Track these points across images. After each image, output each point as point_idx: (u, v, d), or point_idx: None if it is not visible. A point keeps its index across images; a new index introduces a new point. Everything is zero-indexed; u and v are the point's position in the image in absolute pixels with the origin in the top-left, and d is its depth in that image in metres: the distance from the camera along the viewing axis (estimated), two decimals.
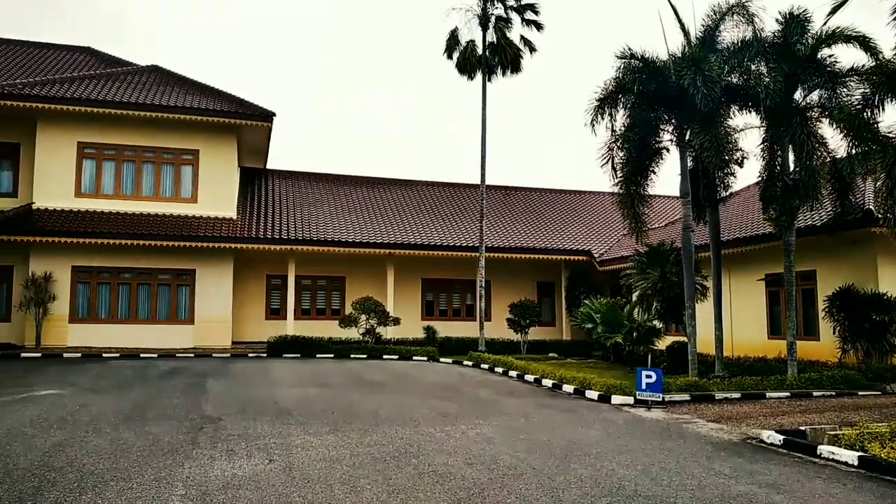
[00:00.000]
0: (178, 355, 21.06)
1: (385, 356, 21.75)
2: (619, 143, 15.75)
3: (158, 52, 72.02)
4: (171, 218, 23.49)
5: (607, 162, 15.82)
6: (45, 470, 6.97)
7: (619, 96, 15.65)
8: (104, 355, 20.46)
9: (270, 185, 28.27)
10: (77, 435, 8.70)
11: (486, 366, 19.45)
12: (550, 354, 23.81)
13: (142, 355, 20.70)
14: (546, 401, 13.15)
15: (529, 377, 16.48)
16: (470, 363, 20.49)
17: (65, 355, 20.24)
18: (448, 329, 25.51)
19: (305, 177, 29.80)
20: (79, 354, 20.48)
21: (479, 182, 24.37)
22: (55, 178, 22.91)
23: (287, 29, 78.97)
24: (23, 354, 20.14)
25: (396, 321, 23.36)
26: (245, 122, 24.27)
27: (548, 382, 15.50)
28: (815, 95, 15.19)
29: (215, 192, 24.36)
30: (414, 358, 21.69)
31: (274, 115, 24.37)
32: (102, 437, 8.58)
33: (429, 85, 73.01)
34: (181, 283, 23.47)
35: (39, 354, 20.21)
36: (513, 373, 17.50)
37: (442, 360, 21.71)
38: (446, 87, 74.32)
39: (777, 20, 15.29)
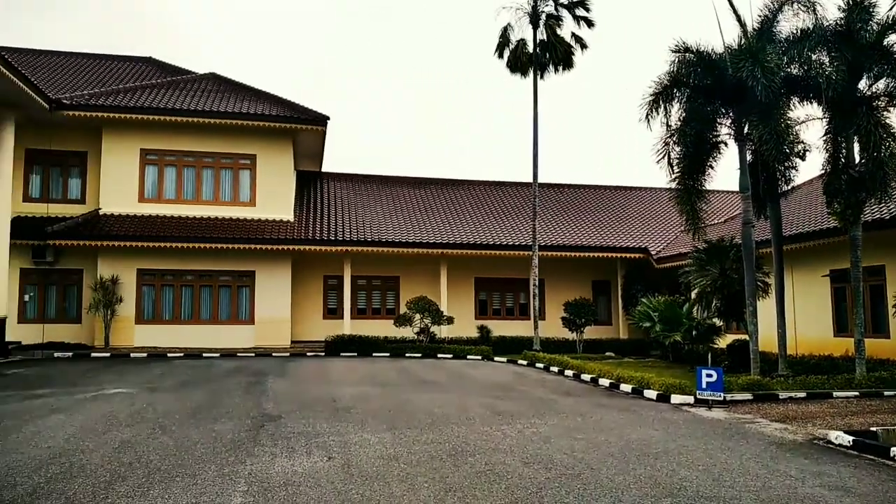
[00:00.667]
0: (239, 355, 21.60)
1: (439, 355, 21.85)
2: (674, 139, 15.46)
3: (211, 59, 73.89)
4: (230, 221, 24.10)
5: (663, 157, 15.55)
6: (115, 465, 7.25)
7: (674, 91, 15.36)
8: (168, 355, 21.13)
9: (326, 188, 28.71)
10: (144, 432, 9.00)
11: (541, 365, 19.35)
12: (607, 354, 23.53)
13: (204, 355, 21.32)
14: (603, 400, 13.01)
15: (586, 376, 16.32)
16: (524, 362, 20.40)
17: (132, 355, 20.99)
18: (502, 328, 25.47)
19: (359, 179, 30.16)
20: (145, 354, 21.20)
21: (531, 180, 24.25)
22: (120, 184, 23.76)
23: (325, 29, 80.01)
24: (93, 354, 20.97)
25: (450, 320, 23.44)
26: (300, 127, 24.73)
27: (605, 382, 15.33)
28: (881, 84, 14.60)
29: (273, 196, 24.88)
30: (468, 357, 21.72)
31: (328, 118, 24.76)
32: (168, 435, 8.86)
33: (476, 84, 72.99)
34: (242, 284, 24.06)
35: (108, 354, 21.01)
36: (569, 372, 17.36)
37: (496, 359, 21.68)
38: (494, 87, 74.15)
39: (839, 7, 14.76)
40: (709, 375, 12.04)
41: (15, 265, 22.28)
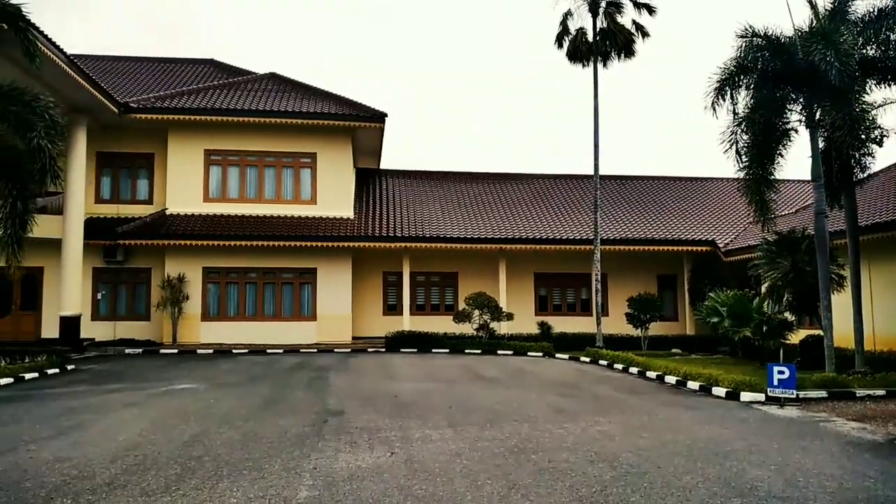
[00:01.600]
0: (301, 350, 21.96)
1: (499, 352, 21.72)
2: (742, 127, 14.91)
3: (268, 59, 75.30)
4: (292, 219, 24.49)
5: (731, 146, 15.00)
6: (185, 458, 7.41)
7: (741, 77, 14.81)
8: (234, 351, 21.64)
9: (384, 185, 28.90)
10: (212, 426, 9.20)
11: (604, 362, 19.02)
12: (673, 350, 22.98)
13: (268, 351, 21.75)
14: (669, 398, 12.68)
15: (651, 374, 15.96)
16: (587, 359, 20.10)
17: (198, 351, 21.58)
18: (563, 324, 25.14)
19: (417, 175, 30.24)
20: (211, 350, 21.77)
21: (591, 172, 23.86)
22: (185, 184, 24.43)
23: (379, 26, 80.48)
24: (162, 351, 21.65)
25: (510, 316, 23.28)
26: (359, 124, 24.94)
27: (671, 379, 14.95)
28: None
29: (333, 193, 25.18)
30: (528, 354, 21.53)
31: (386, 115, 24.89)
32: (235, 429, 9.03)
33: (530, 76, 72.36)
34: (304, 281, 24.44)
35: (176, 351, 21.65)
36: (633, 369, 17.00)
37: (558, 356, 21.42)
38: (551, 78, 73.37)
39: None
40: (780, 372, 11.62)
41: (88, 265, 23.18)
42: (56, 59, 17.83)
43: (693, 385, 13.93)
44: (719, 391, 12.92)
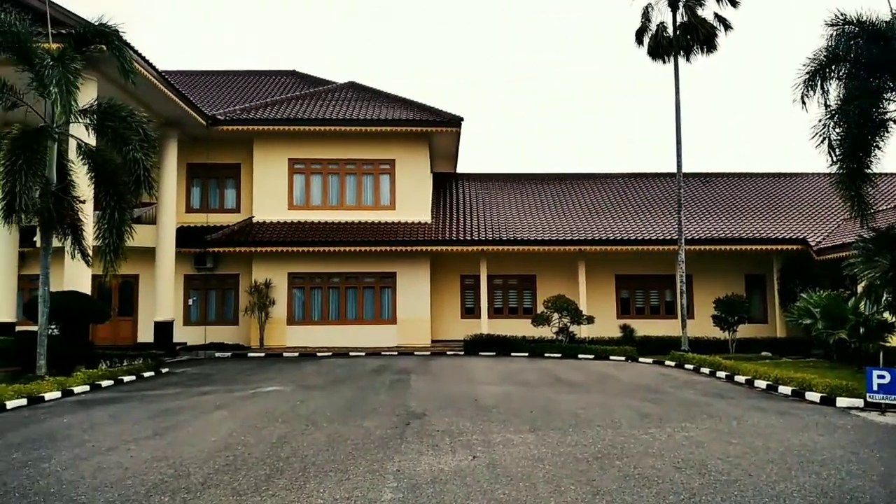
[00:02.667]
0: (383, 353, 22.29)
1: (580, 355, 21.41)
2: (834, 119, 14.20)
3: (348, 67, 76.84)
4: (372, 225, 24.92)
5: (822, 140, 14.32)
6: (273, 459, 7.64)
7: (832, 67, 14.13)
8: (318, 354, 22.17)
9: (460, 188, 29.00)
10: (298, 428, 9.44)
11: (690, 366, 18.47)
12: (762, 353, 22.08)
13: (351, 353, 22.19)
14: (760, 403, 12.20)
15: (740, 378, 15.39)
16: (672, 363, 19.57)
17: (284, 354, 22.22)
18: (646, 327, 24.54)
19: (494, 178, 30.20)
20: (296, 354, 22.37)
21: (674, 170, 23.22)
22: (270, 193, 25.24)
23: (448, 28, 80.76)
24: (249, 354, 22.41)
25: (590, 319, 22.91)
26: (436, 129, 25.15)
27: (761, 383, 14.37)
28: None
29: (411, 199, 25.48)
30: (611, 357, 21.13)
31: (462, 119, 25.01)
32: (320, 431, 9.25)
33: (605, 74, 71.14)
34: (384, 285, 24.82)
35: (263, 354, 22.36)
36: (721, 373, 16.44)
37: (641, 360, 20.94)
38: (626, 75, 71.92)
39: None
40: (881, 376, 10.99)
41: (180, 272, 24.27)
42: (149, 75, 18.75)
43: (785, 390, 13.36)
44: (813, 396, 12.34)
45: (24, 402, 11.90)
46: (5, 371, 15.00)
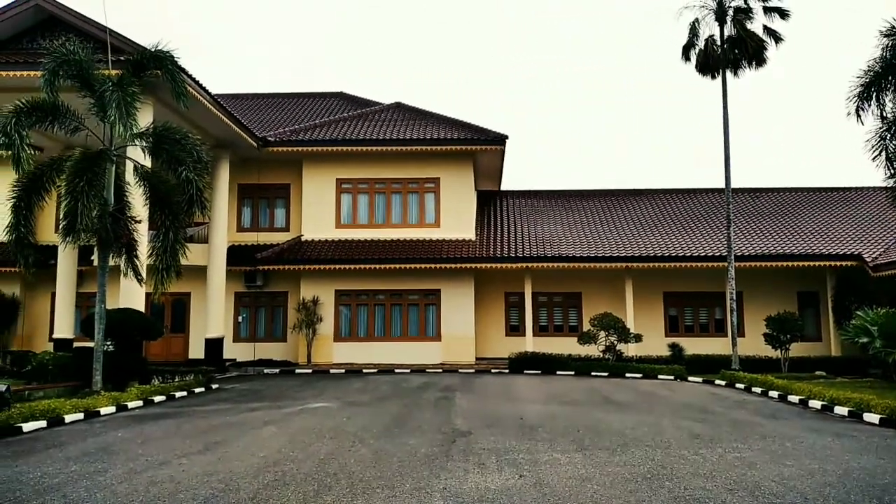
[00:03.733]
0: (427, 370, 22.34)
1: (627, 374, 21.09)
2: (892, 131, 13.86)
3: (387, 86, 77.76)
4: (417, 242, 25.08)
5: (879, 153, 13.97)
6: (321, 475, 7.72)
7: (888, 78, 13.81)
8: (364, 371, 22.33)
9: (505, 206, 29.00)
10: (345, 444, 9.53)
11: (741, 385, 18.03)
12: (816, 373, 21.43)
13: (396, 370, 22.28)
14: (815, 424, 11.84)
15: (793, 398, 14.96)
16: (722, 382, 19.13)
17: (331, 371, 22.45)
18: (695, 346, 24.07)
19: (538, 195, 30.11)
20: (343, 370, 22.57)
21: (722, 185, 22.86)
22: (319, 212, 25.65)
23: (487, 45, 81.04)
24: (297, 371, 22.70)
25: (638, 338, 22.58)
26: (480, 148, 25.26)
27: (816, 403, 13.95)
28: None
29: (456, 216, 25.59)
30: (659, 376, 20.77)
31: (507, 137, 25.06)
32: (367, 447, 9.31)
33: (649, 88, 70.48)
34: (428, 302, 24.92)
35: (310, 371, 22.62)
36: (773, 393, 16.01)
37: (690, 379, 20.53)
38: (668, 89, 71.11)
39: None
40: None
41: (230, 289, 24.79)
42: (202, 98, 19.32)
43: (841, 410, 12.94)
44: (872, 417, 11.93)
45: (81, 416, 12.28)
46: (64, 385, 15.51)
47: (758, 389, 16.90)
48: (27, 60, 18.02)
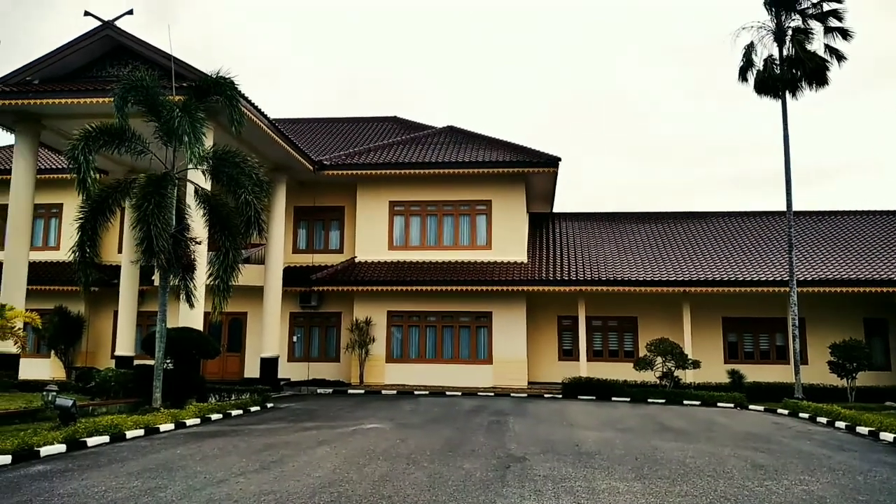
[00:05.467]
0: (479, 394, 22.19)
1: (685, 401, 20.55)
2: None
3: (440, 111, 78.38)
4: (468, 264, 25.07)
5: None
6: (376, 497, 7.69)
7: None
8: (415, 393, 22.31)
9: (557, 228, 28.79)
10: (399, 467, 9.49)
11: (805, 415, 17.37)
12: (886, 403, 20.51)
13: (447, 393, 22.20)
14: (886, 457, 11.28)
15: (862, 429, 14.32)
16: (785, 411, 18.47)
17: (383, 392, 22.51)
18: (756, 373, 23.32)
19: (591, 217, 29.82)
20: (394, 392, 22.60)
21: (783, 208, 22.24)
22: (372, 234, 25.93)
23: (531, 67, 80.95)
24: (349, 391, 22.84)
25: (696, 364, 22.01)
26: (532, 170, 25.19)
27: (888, 436, 13.31)
28: None
29: (507, 239, 25.52)
30: (718, 404, 20.17)
31: (559, 160, 24.95)
32: (421, 470, 9.25)
33: (698, 112, 69.31)
34: (480, 324, 24.82)
35: (362, 391, 22.72)
36: (840, 423, 15.36)
37: (751, 407, 19.89)
38: (718, 113, 69.79)
39: None
40: None
41: (285, 309, 25.19)
42: (260, 123, 19.81)
43: None
44: None
45: (141, 432, 12.55)
46: (125, 402, 15.90)
47: (823, 419, 16.25)
48: (97, 88, 18.80)
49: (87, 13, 19.38)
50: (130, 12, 19.62)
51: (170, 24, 71.46)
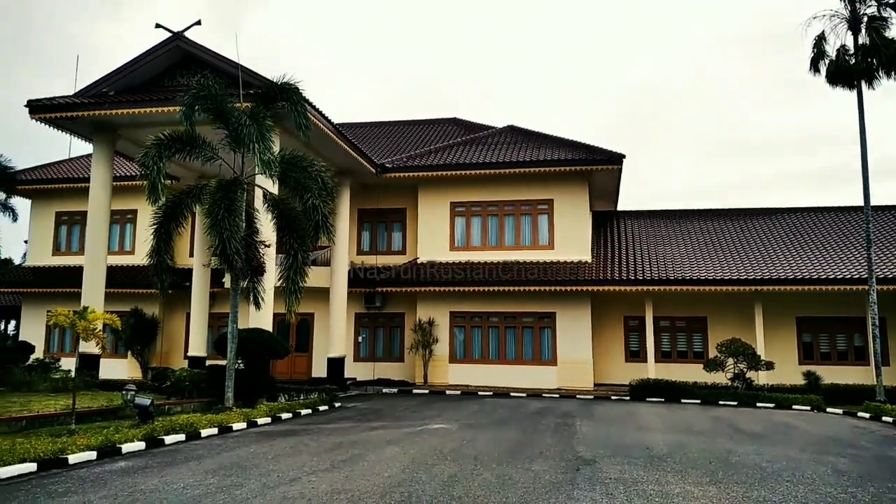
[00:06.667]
0: (544, 395, 22.00)
1: (758, 404, 19.91)
2: None
3: (496, 109, 78.10)
4: (530, 264, 24.86)
5: None
6: (447, 498, 7.70)
7: None
8: (479, 393, 22.28)
9: (621, 227, 28.29)
10: (467, 468, 9.48)
11: (888, 418, 16.59)
12: None
13: (511, 394, 22.09)
14: None
15: None
16: (866, 415, 17.68)
17: (447, 392, 22.55)
18: (832, 375, 22.40)
19: (657, 215, 29.21)
20: (458, 392, 22.63)
21: (856, 203, 21.30)
22: (433, 235, 26.03)
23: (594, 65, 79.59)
24: (414, 391, 22.97)
25: (769, 365, 21.27)
26: (595, 168, 24.80)
27: None
28: None
29: (570, 238, 25.22)
30: (793, 407, 19.47)
31: (623, 157, 24.51)
32: (489, 472, 9.22)
33: (761, 104, 66.98)
34: (543, 325, 24.60)
35: (427, 391, 22.83)
36: None
37: (829, 410, 19.12)
38: (780, 105, 67.28)
39: None
40: None
41: (350, 310, 25.55)
42: (325, 128, 20.12)
43: None
44: None
45: (215, 430, 12.91)
46: (199, 401, 16.38)
47: None
48: (167, 97, 19.42)
49: (158, 25, 20.04)
50: (198, 23, 20.20)
51: (236, 33, 73.44)
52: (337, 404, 18.53)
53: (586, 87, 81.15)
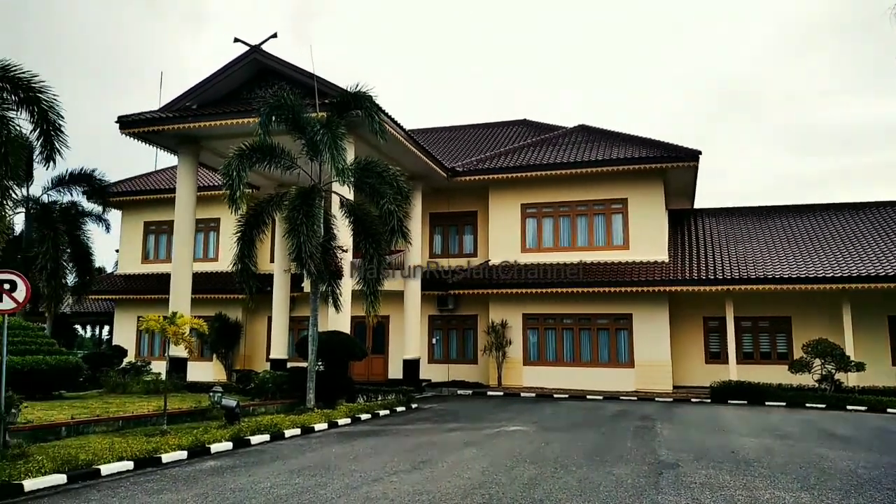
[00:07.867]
0: (621, 398, 21.66)
1: (848, 406, 19.05)
2: None
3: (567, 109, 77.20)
4: (605, 265, 24.54)
5: None
6: (528, 501, 7.70)
7: None
8: (555, 396, 22.12)
9: (699, 225, 27.57)
10: (547, 470, 9.45)
11: None
12: None
13: (588, 397, 21.85)
14: None
15: None
16: None
17: (522, 395, 22.48)
18: None
19: (736, 212, 28.34)
20: (533, 394, 22.53)
21: None
22: (505, 237, 26.02)
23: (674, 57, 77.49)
24: (488, 393, 23.01)
25: (860, 366, 20.32)
26: (670, 165, 24.27)
27: None
28: None
29: (645, 237, 24.75)
30: (888, 410, 18.53)
31: (700, 153, 23.89)
32: (570, 475, 9.17)
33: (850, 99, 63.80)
34: (619, 327, 24.22)
35: (501, 393, 22.82)
36: None
37: None
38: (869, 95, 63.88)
39: None
40: None
41: (424, 313, 25.82)
42: (397, 134, 20.43)
43: None
44: None
45: (298, 431, 13.29)
46: (281, 402, 16.89)
47: None
48: (246, 109, 20.08)
49: (237, 40, 20.78)
50: (275, 35, 20.84)
51: (310, 44, 75.25)
52: (414, 405, 18.76)
53: (660, 85, 79.51)
